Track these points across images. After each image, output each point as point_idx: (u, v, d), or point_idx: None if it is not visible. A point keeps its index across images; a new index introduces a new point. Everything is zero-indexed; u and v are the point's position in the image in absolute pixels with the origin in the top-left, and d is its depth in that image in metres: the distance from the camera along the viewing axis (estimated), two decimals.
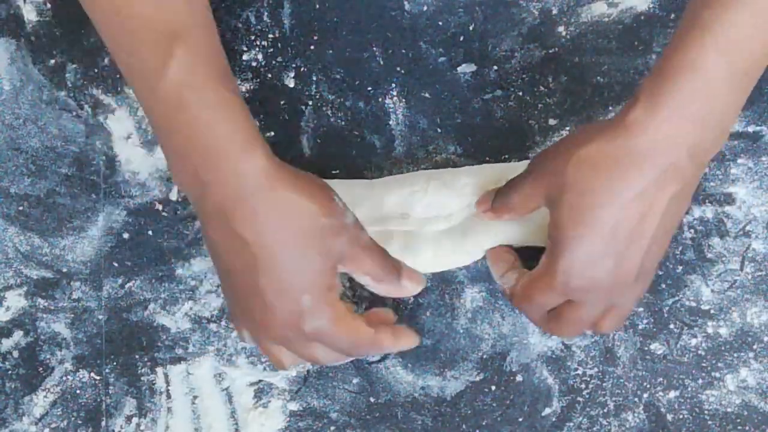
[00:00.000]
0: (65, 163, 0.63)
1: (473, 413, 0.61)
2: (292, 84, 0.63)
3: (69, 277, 0.62)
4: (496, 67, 0.63)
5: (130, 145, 0.63)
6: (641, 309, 0.61)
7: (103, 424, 0.61)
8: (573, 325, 0.53)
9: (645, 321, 0.61)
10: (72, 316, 0.62)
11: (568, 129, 0.62)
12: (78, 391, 0.61)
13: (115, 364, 0.62)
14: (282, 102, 0.63)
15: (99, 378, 0.61)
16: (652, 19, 0.62)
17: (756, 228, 0.62)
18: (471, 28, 0.63)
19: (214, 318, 0.62)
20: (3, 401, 0.61)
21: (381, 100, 0.63)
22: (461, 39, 0.63)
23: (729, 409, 0.61)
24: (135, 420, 0.61)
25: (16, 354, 0.62)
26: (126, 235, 0.63)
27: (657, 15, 0.62)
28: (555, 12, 0.63)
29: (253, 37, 0.63)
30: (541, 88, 0.63)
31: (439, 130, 0.63)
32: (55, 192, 0.63)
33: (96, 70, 0.64)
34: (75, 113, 0.63)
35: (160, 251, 0.62)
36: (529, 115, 0.63)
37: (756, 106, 0.63)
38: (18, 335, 0.62)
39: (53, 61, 0.64)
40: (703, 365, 0.61)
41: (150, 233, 0.62)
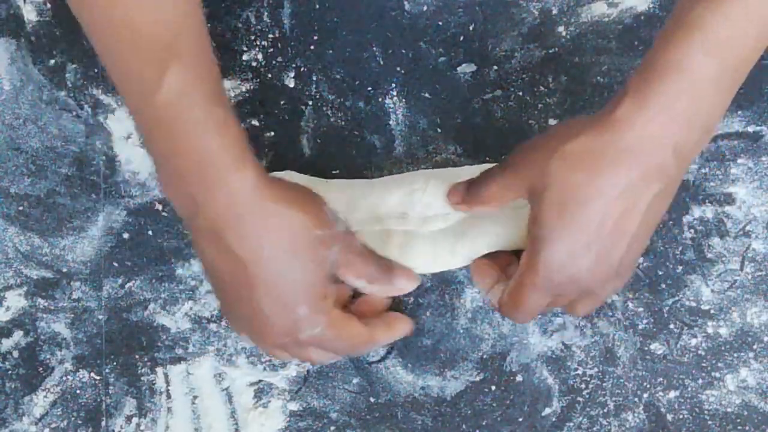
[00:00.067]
0: (65, 163, 0.63)
1: (473, 413, 0.61)
2: (292, 84, 0.63)
3: (69, 277, 0.62)
4: (496, 67, 0.63)
5: (130, 145, 0.63)
6: (641, 309, 0.61)
7: (103, 424, 0.61)
8: (545, 311, 0.54)
9: (645, 321, 0.61)
10: (72, 316, 0.62)
11: None
12: (78, 391, 0.61)
13: (115, 364, 0.61)
14: (282, 102, 0.63)
15: (99, 378, 0.61)
16: (652, 19, 0.62)
17: (756, 228, 0.62)
18: (471, 28, 0.63)
19: (214, 318, 0.62)
20: (3, 401, 0.61)
21: (381, 100, 0.63)
22: (461, 39, 0.63)
23: (729, 409, 0.61)
24: (135, 420, 0.61)
25: (16, 354, 0.62)
26: (126, 235, 0.63)
27: (657, 15, 0.62)
28: (555, 12, 0.63)
29: (253, 37, 0.63)
30: (541, 88, 0.63)
31: (439, 130, 0.63)
32: (55, 192, 0.63)
33: (96, 70, 0.64)
34: (75, 113, 0.63)
35: (160, 251, 0.62)
36: (529, 115, 0.63)
37: (756, 106, 0.63)
38: (18, 335, 0.62)
39: (53, 61, 0.64)
40: (703, 365, 0.61)
41: (150, 233, 0.62)
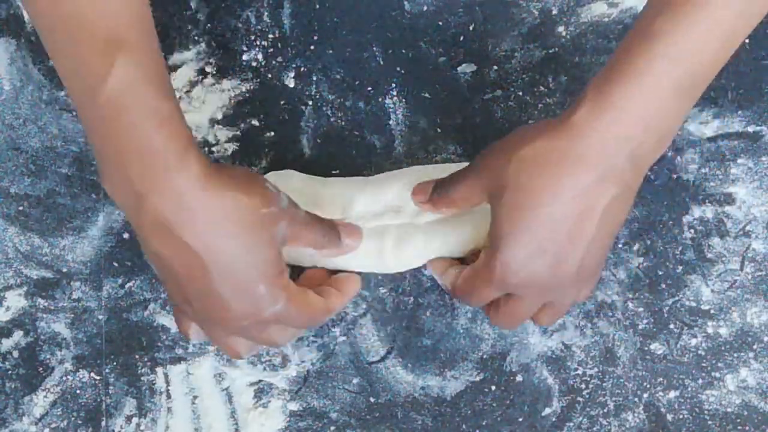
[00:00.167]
0: (65, 163, 0.63)
1: (473, 413, 0.61)
2: (292, 84, 0.63)
3: (69, 277, 0.62)
4: (496, 67, 0.63)
5: None
6: (641, 309, 0.61)
7: (103, 424, 0.61)
8: (510, 317, 0.54)
9: (645, 321, 0.61)
10: (72, 316, 0.62)
11: None
12: (78, 391, 0.61)
13: (115, 364, 0.61)
14: (282, 102, 0.63)
15: (99, 378, 0.61)
16: None
17: (756, 228, 0.62)
18: (471, 28, 0.63)
19: None
20: (3, 401, 0.61)
21: (381, 100, 0.63)
22: (461, 39, 0.63)
23: (729, 409, 0.61)
24: (135, 420, 0.61)
25: (16, 354, 0.62)
26: (126, 235, 0.62)
27: None
28: (555, 12, 0.63)
29: (253, 37, 0.63)
30: (541, 88, 0.63)
31: (439, 130, 0.63)
32: (55, 192, 0.63)
33: None
34: (75, 113, 0.63)
35: None
36: (529, 115, 0.63)
37: (756, 106, 0.63)
38: (18, 335, 0.62)
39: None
40: (703, 365, 0.61)
41: None
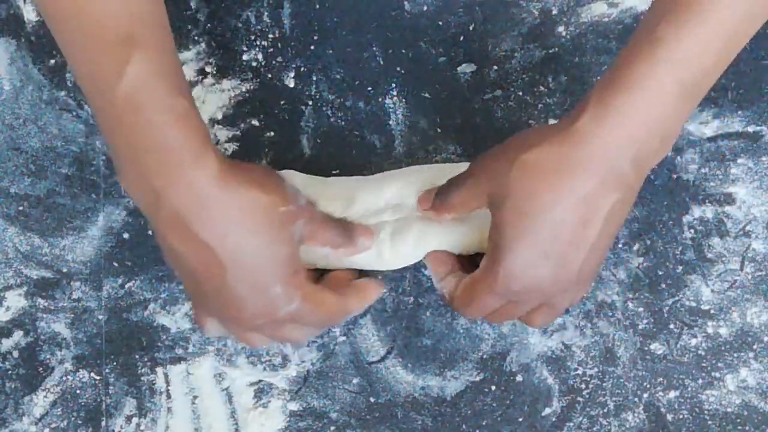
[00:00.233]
0: (65, 163, 0.63)
1: (473, 413, 0.61)
2: (292, 84, 0.63)
3: (69, 277, 0.62)
4: (496, 67, 0.63)
5: None
6: (641, 309, 0.61)
7: (103, 424, 0.61)
8: (504, 317, 0.54)
9: (645, 321, 0.61)
10: (72, 316, 0.62)
11: None
12: (78, 391, 0.61)
13: (115, 364, 0.61)
14: (282, 102, 0.63)
15: (99, 378, 0.61)
16: None
17: (756, 228, 0.62)
18: (471, 28, 0.63)
19: None
20: (3, 401, 0.61)
21: (381, 100, 0.63)
22: (461, 39, 0.63)
23: (729, 409, 0.61)
24: (135, 420, 0.61)
25: (16, 354, 0.62)
26: (126, 235, 0.62)
27: None
28: (555, 12, 0.63)
29: (253, 37, 0.63)
30: (541, 88, 0.63)
31: (439, 130, 0.63)
32: (55, 192, 0.63)
33: None
34: (75, 113, 0.63)
35: (160, 251, 0.62)
36: (529, 115, 0.63)
37: (756, 106, 0.63)
38: (18, 335, 0.62)
39: (53, 61, 0.64)
40: (703, 365, 0.61)
41: (150, 233, 0.62)
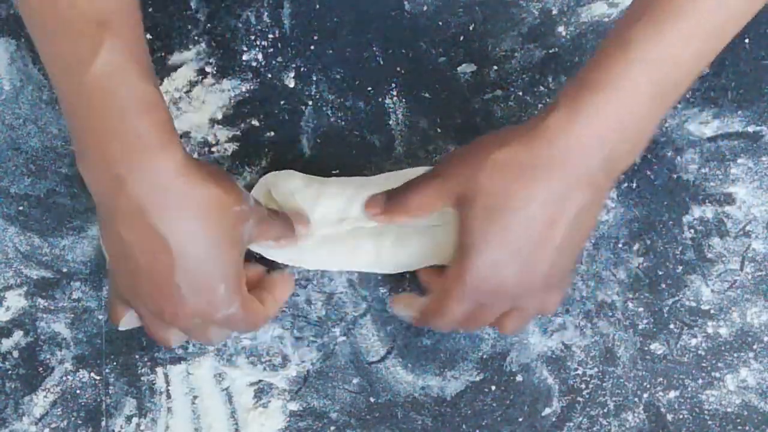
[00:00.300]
0: (65, 163, 0.63)
1: (473, 413, 0.61)
2: (292, 84, 0.63)
3: (69, 277, 0.62)
4: (496, 67, 0.63)
5: None
6: (641, 309, 0.61)
7: (103, 424, 0.61)
8: (475, 325, 0.53)
9: (645, 321, 0.61)
10: (72, 316, 0.62)
11: None
12: (78, 391, 0.61)
13: (115, 364, 0.61)
14: (282, 102, 0.63)
15: (99, 378, 0.61)
16: None
17: (756, 228, 0.62)
18: (471, 28, 0.63)
19: None
20: (3, 401, 0.61)
21: (381, 100, 0.63)
22: (461, 39, 0.63)
23: (729, 409, 0.61)
24: (135, 420, 0.61)
25: (16, 354, 0.62)
26: None
27: None
28: (555, 12, 0.63)
29: (253, 37, 0.63)
30: (541, 88, 0.63)
31: (439, 130, 0.63)
32: (55, 192, 0.63)
33: None
34: None
35: None
36: (529, 115, 0.63)
37: (756, 106, 0.63)
38: (18, 335, 0.62)
39: None
40: (703, 365, 0.61)
41: None
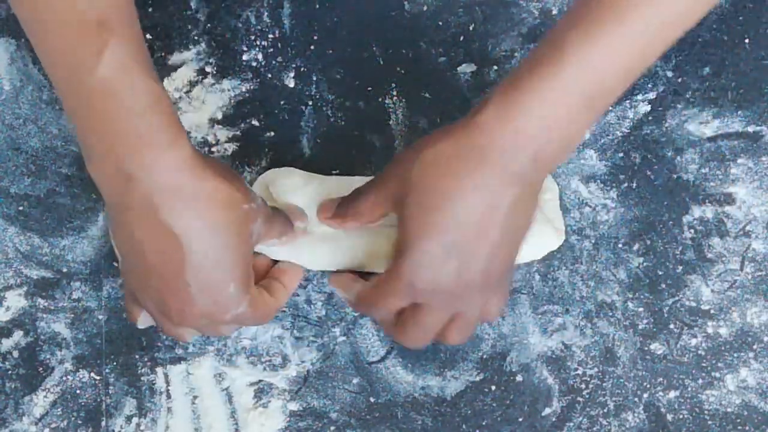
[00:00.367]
0: (65, 163, 0.63)
1: (473, 413, 0.61)
2: (292, 84, 0.63)
3: (69, 277, 0.62)
4: (496, 67, 0.63)
5: None
6: (641, 309, 0.61)
7: (103, 424, 0.61)
8: (418, 331, 0.52)
9: (645, 321, 0.61)
10: (72, 316, 0.62)
11: None
12: (78, 391, 0.61)
13: (115, 364, 0.61)
14: (282, 102, 0.63)
15: (99, 378, 0.61)
16: None
17: (756, 228, 0.62)
18: (471, 28, 0.63)
19: None
20: (3, 401, 0.61)
21: (381, 100, 0.63)
22: (461, 39, 0.63)
23: (729, 409, 0.61)
24: (135, 420, 0.61)
25: (16, 354, 0.62)
26: None
27: None
28: (555, 12, 0.63)
29: (253, 37, 0.63)
30: None
31: None
32: (55, 192, 0.63)
33: None
34: None
35: None
36: None
37: (756, 106, 0.63)
38: (18, 335, 0.62)
39: None
40: (703, 365, 0.61)
41: None
